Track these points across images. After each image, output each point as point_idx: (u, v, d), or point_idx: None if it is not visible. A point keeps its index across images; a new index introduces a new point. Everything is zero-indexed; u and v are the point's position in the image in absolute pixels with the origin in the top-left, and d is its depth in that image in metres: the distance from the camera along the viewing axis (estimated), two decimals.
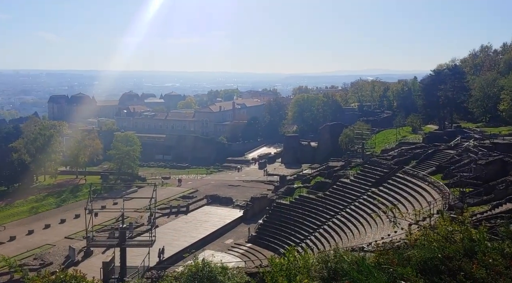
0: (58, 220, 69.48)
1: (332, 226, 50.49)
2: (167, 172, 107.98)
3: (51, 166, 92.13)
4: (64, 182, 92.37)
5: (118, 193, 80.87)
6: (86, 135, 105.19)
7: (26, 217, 72.54)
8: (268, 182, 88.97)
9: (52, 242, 59.97)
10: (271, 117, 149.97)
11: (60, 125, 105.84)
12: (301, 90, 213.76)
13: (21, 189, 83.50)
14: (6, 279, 45.12)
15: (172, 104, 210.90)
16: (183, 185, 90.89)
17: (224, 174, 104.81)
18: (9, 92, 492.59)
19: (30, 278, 9.83)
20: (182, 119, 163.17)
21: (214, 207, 72.79)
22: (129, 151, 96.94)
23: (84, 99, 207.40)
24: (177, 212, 70.01)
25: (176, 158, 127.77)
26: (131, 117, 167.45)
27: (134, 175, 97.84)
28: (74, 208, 75.13)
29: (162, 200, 74.88)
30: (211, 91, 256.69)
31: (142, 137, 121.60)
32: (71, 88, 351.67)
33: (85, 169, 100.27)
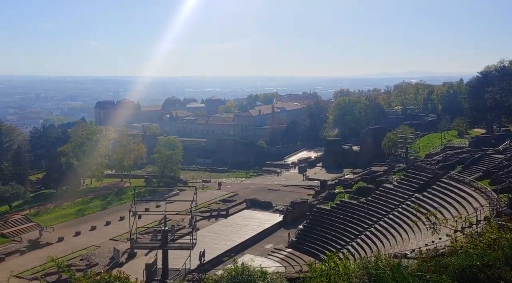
0: (103, 222, 71.65)
1: (374, 232, 49.49)
2: (208, 176, 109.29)
3: (98, 169, 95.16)
4: (110, 185, 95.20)
5: (160, 196, 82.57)
6: (131, 139, 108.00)
7: (73, 219, 75.18)
8: (308, 186, 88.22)
9: (97, 243, 61.89)
10: (311, 121, 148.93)
11: (106, 130, 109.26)
12: (342, 93, 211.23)
13: (69, 192, 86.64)
14: (54, 278, 46.93)
15: (213, 108, 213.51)
16: (223, 189, 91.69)
17: (263, 178, 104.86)
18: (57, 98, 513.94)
19: (77, 278, 10.20)
20: (222, 123, 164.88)
21: (254, 211, 72.91)
22: (172, 155, 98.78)
23: (129, 104, 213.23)
24: (217, 216, 70.67)
25: (216, 161, 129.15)
26: (174, 122, 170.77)
27: (176, 178, 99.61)
28: (119, 210, 77.22)
29: (203, 203, 75.75)
30: (251, 95, 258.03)
31: (183, 141, 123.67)
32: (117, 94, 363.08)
33: (129, 173, 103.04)
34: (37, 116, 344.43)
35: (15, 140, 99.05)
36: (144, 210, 63.70)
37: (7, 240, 64.82)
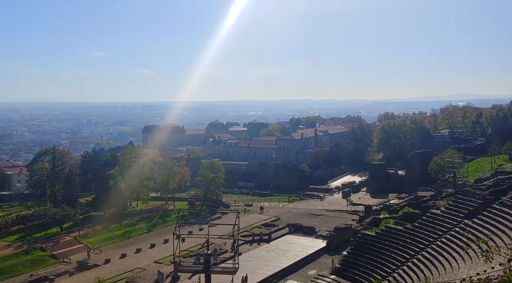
0: (148, 244, 72.98)
1: (422, 259, 47.73)
2: (250, 199, 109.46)
3: (144, 192, 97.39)
4: (155, 208, 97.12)
5: (203, 219, 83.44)
6: (175, 162, 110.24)
7: (120, 241, 76.96)
8: (352, 212, 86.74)
9: (142, 266, 63.02)
10: (355, 144, 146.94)
11: (152, 153, 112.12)
12: (387, 117, 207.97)
13: (116, 214, 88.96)
14: None
15: (255, 132, 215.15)
16: (265, 213, 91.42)
17: (306, 203, 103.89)
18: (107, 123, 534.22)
19: None
20: (264, 146, 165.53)
21: (297, 237, 72.13)
22: (214, 178, 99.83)
23: (174, 128, 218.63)
24: (259, 240, 70.38)
25: (258, 185, 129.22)
26: (217, 145, 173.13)
27: (218, 201, 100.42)
28: (163, 233, 78.54)
29: (245, 227, 75.82)
30: (293, 119, 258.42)
31: (226, 164, 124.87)
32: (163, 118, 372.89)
33: (174, 195, 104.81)
34: (88, 140, 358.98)
35: (67, 163, 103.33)
36: (187, 233, 64.37)
37: (57, 261, 67.10)
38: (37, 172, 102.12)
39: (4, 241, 72.03)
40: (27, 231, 76.90)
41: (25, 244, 70.77)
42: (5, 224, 77.13)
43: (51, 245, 71.43)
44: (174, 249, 42.79)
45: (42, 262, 66.11)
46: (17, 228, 77.94)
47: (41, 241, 72.36)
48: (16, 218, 79.52)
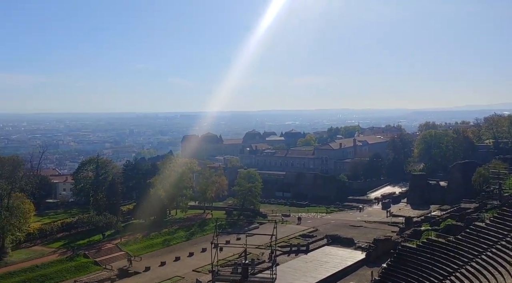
0: (187, 253, 73.95)
1: (466, 274, 46.11)
2: (287, 210, 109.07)
3: (182, 201, 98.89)
4: (193, 217, 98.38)
5: (241, 229, 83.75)
6: (213, 172, 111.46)
7: (160, 249, 78.33)
8: (392, 223, 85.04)
9: (181, 274, 63.88)
10: (395, 155, 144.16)
11: (191, 163, 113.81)
12: (428, 126, 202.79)
13: (156, 222, 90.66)
14: None
15: (292, 141, 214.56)
16: (303, 224, 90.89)
17: (344, 214, 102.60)
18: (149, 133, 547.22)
19: None
20: (302, 156, 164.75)
21: (335, 248, 71.26)
22: (251, 188, 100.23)
23: (212, 138, 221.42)
24: (297, 251, 69.99)
25: (296, 195, 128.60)
26: (254, 155, 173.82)
27: (255, 211, 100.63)
28: (201, 241, 79.39)
29: (282, 237, 75.53)
30: (331, 128, 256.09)
31: (263, 174, 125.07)
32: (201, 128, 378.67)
33: (211, 204, 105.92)
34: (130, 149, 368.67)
35: (110, 172, 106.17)
36: (225, 242, 64.82)
37: (100, 268, 68.96)
38: (81, 180, 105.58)
39: (50, 247, 74.63)
40: (71, 238, 79.45)
41: (69, 250, 73.09)
42: (51, 231, 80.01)
43: (94, 252, 73.54)
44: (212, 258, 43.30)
45: (85, 268, 68.06)
46: (62, 235, 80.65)
47: (84, 248, 74.59)
48: (61, 225, 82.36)
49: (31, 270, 64.06)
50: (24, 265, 65.31)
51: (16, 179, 74.26)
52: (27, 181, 78.71)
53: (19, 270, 63.77)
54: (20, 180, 75.55)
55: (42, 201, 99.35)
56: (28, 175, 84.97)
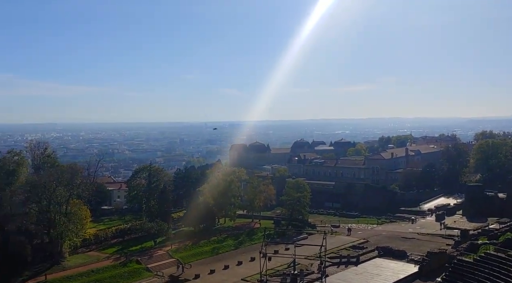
0: (235, 261, 74.28)
1: None
2: (336, 220, 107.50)
3: (231, 209, 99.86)
4: (241, 225, 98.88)
5: (289, 239, 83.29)
6: (261, 181, 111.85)
7: (209, 257, 79.15)
8: (446, 236, 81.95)
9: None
10: (449, 165, 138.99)
11: (239, 172, 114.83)
12: (484, 136, 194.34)
13: (205, 230, 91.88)
14: None
15: (342, 151, 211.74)
16: (353, 235, 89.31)
17: (396, 225, 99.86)
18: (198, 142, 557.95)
19: None
20: (352, 166, 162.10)
21: (386, 260, 69.35)
22: (300, 198, 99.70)
23: (260, 147, 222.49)
24: (347, 263, 68.68)
25: (345, 206, 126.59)
26: (302, 164, 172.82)
27: (304, 221, 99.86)
28: (250, 250, 79.48)
29: (332, 248, 74.40)
30: (382, 137, 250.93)
31: (312, 184, 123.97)
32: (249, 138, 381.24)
33: (259, 214, 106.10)
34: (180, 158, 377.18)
35: (162, 180, 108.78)
36: (273, 252, 64.84)
37: (151, 274, 70.58)
38: (135, 188, 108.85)
39: (104, 253, 77.23)
40: (124, 244, 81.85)
41: (122, 256, 75.33)
42: (106, 237, 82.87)
43: (146, 258, 75.42)
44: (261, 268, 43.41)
45: (138, 274, 69.84)
46: (116, 241, 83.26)
47: (137, 254, 76.63)
48: (115, 232, 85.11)
49: (87, 275, 66.55)
50: (80, 270, 67.92)
51: (74, 186, 77.34)
52: (84, 188, 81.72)
53: (75, 274, 66.43)
54: (77, 187, 78.61)
55: (98, 207, 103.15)
56: (85, 182, 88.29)
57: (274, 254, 62.43)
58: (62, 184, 73.97)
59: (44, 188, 71.78)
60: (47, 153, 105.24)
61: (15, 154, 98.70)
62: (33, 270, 66.05)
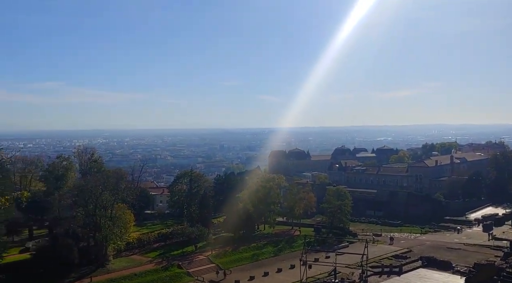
0: (275, 268, 74.11)
1: None
2: (378, 229, 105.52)
3: (271, 216, 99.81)
4: (281, 232, 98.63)
5: (330, 247, 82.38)
6: (301, 188, 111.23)
7: (248, 263, 79.43)
8: (495, 247, 78.93)
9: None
10: (497, 173, 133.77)
11: (278, 178, 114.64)
12: None
13: (245, 236, 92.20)
14: None
15: (384, 158, 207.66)
16: (395, 244, 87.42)
17: (440, 235, 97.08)
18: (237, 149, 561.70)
19: None
20: (395, 174, 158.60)
21: (430, 271, 67.50)
22: (341, 205, 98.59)
23: (300, 154, 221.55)
24: (389, 272, 67.23)
25: (388, 214, 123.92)
26: (343, 172, 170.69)
27: (345, 229, 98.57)
28: (290, 258, 79.10)
29: (374, 258, 73.01)
30: (426, 145, 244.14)
31: (353, 191, 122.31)
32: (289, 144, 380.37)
33: (299, 221, 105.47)
34: (220, 164, 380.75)
35: (202, 186, 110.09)
36: (313, 260, 64.33)
37: (192, 279, 71.56)
38: (176, 193, 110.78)
39: (147, 256, 78.92)
40: (166, 249, 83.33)
41: (164, 260, 76.76)
42: (148, 241, 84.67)
43: (187, 263, 76.52)
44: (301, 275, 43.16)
45: (179, 279, 70.98)
46: (158, 245, 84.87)
47: (178, 259, 77.87)
48: (158, 236, 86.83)
49: (130, 278, 68.24)
50: (123, 273, 69.75)
51: (119, 190, 79.49)
52: (129, 193, 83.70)
53: (119, 277, 68.28)
54: (122, 192, 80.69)
55: (141, 212, 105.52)
56: (129, 187, 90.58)
57: (315, 262, 61.92)
58: (108, 188, 76.10)
59: (91, 193, 74.07)
60: (94, 158, 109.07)
61: (64, 159, 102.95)
62: (79, 272, 68.37)
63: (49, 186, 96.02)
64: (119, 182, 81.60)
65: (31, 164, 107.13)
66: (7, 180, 77.88)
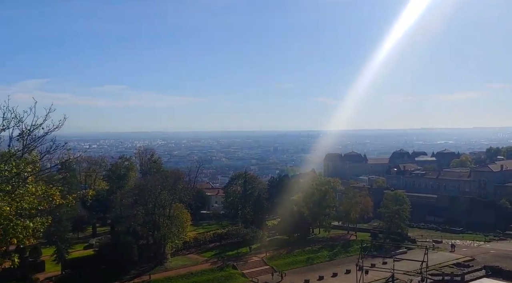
0: (330, 273, 73.13)
1: None
2: (439, 236, 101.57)
3: (326, 220, 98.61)
4: (336, 237, 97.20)
5: (387, 252, 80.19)
6: (357, 192, 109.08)
7: (303, 266, 78.91)
8: None
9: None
10: None
11: (334, 182, 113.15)
12: None
13: (299, 239, 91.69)
14: None
15: (445, 162, 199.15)
16: (457, 251, 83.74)
17: (507, 243, 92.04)
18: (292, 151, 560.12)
19: None
20: (456, 178, 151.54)
21: (495, 281, 63.81)
22: (399, 210, 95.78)
23: (356, 157, 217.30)
24: (450, 281, 64.58)
25: (448, 221, 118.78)
26: (401, 176, 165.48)
27: (403, 235, 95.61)
28: (345, 263, 77.81)
29: (434, 265, 70.18)
30: (490, 148, 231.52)
31: (411, 196, 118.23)
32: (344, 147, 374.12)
33: (355, 225, 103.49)
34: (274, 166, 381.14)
35: (256, 187, 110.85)
36: (370, 266, 62.87)
37: (246, 280, 72.06)
38: (231, 194, 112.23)
39: (203, 256, 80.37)
40: (221, 249, 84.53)
41: (219, 260, 77.85)
42: (204, 240, 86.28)
43: (242, 264, 77.17)
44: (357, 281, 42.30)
45: (234, 279, 71.68)
46: (214, 245, 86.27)
47: (233, 259, 78.71)
48: (213, 236, 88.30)
49: (187, 277, 69.73)
50: (180, 272, 71.39)
51: (177, 190, 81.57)
52: (186, 193, 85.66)
53: (176, 275, 69.96)
54: (180, 192, 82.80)
55: (197, 212, 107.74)
56: (186, 187, 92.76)
57: (371, 268, 60.44)
58: (166, 188, 78.30)
59: (150, 192, 76.51)
60: (153, 159, 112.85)
61: (126, 160, 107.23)
62: (139, 269, 70.73)
63: (111, 185, 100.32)
64: (177, 182, 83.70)
65: (95, 164, 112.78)
66: (74, 179, 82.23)
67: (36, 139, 30.65)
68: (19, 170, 28.91)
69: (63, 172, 66.18)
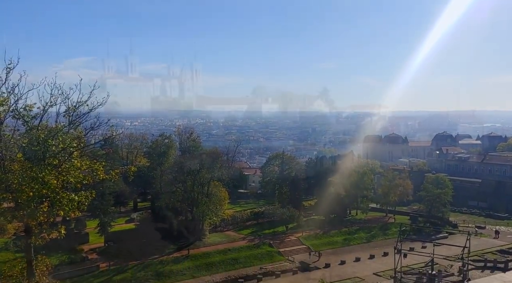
0: (367, 255, 72.70)
1: None
2: (482, 221, 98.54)
3: (363, 202, 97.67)
4: (374, 219, 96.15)
5: (427, 237, 78.60)
6: (397, 174, 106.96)
7: (339, 247, 78.73)
8: None
9: (361, 276, 63.25)
10: None
11: (373, 164, 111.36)
12: None
13: (336, 221, 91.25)
14: None
15: (491, 146, 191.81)
16: (501, 238, 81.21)
17: None
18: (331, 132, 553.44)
19: None
20: (503, 163, 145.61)
21: None
22: (440, 194, 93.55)
23: (397, 139, 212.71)
24: (493, 268, 62.80)
25: (493, 206, 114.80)
26: (443, 159, 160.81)
27: (444, 220, 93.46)
28: (383, 245, 77.04)
29: (476, 251, 68.47)
30: None
31: (454, 180, 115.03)
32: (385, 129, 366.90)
33: (394, 208, 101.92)
34: (312, 148, 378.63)
35: (293, 168, 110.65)
36: (408, 249, 61.89)
37: (283, 258, 72.66)
38: (268, 174, 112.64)
39: (240, 233, 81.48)
40: (258, 227, 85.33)
41: (256, 238, 78.71)
42: (241, 218, 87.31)
43: (278, 243, 77.77)
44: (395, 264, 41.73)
45: (270, 257, 72.43)
46: (250, 223, 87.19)
47: (269, 238, 79.36)
48: (250, 214, 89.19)
49: (224, 253, 71.06)
50: (218, 247, 72.78)
51: (215, 169, 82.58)
52: (224, 172, 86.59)
53: (214, 251, 71.35)
54: (218, 170, 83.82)
55: (234, 190, 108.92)
56: (224, 166, 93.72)
57: (410, 251, 59.33)
58: (205, 167, 79.38)
59: (189, 170, 77.81)
60: (192, 138, 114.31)
61: (166, 138, 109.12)
62: (178, 244, 72.51)
63: (152, 162, 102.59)
64: (215, 161, 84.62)
65: (137, 140, 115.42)
66: (116, 155, 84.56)
67: (81, 115, 31.56)
68: (65, 145, 29.90)
69: (106, 148, 68.26)
